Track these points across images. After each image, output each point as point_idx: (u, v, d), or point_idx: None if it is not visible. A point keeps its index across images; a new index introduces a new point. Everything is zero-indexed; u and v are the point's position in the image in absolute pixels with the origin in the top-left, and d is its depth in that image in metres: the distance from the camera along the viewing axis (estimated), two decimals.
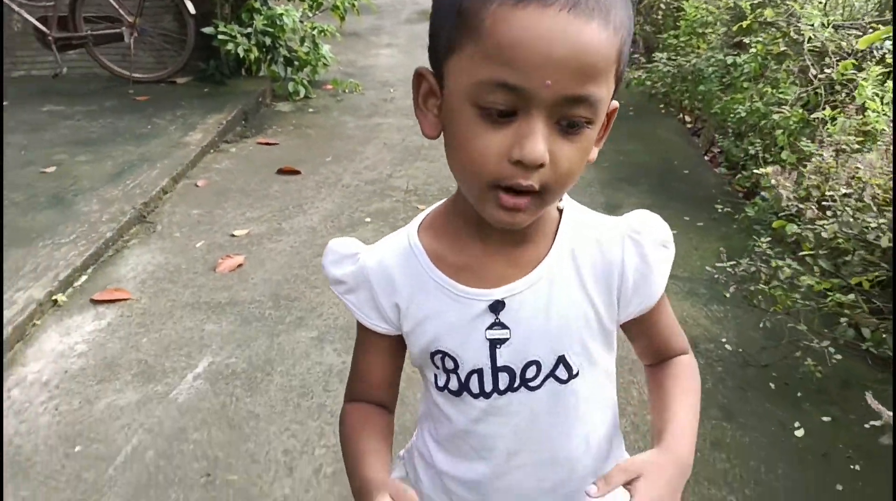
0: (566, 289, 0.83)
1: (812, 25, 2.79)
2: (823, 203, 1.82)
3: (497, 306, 0.82)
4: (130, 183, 3.54)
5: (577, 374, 0.85)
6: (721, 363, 2.36)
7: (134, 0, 4.98)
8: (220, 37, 4.85)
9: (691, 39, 3.86)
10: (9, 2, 4.85)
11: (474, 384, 0.85)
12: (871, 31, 2.63)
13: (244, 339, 2.50)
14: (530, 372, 0.84)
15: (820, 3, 2.90)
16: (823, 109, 2.50)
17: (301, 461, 1.97)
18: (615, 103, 0.77)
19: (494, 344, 0.83)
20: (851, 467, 1.96)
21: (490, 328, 0.82)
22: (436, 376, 0.88)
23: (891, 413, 1.37)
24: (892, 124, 1.99)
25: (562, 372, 0.84)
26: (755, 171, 2.36)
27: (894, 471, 1.73)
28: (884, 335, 2.09)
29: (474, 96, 0.68)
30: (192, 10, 4.86)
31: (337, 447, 1.44)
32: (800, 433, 2.08)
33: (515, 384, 0.84)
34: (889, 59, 2.55)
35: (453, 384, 0.86)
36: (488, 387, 0.84)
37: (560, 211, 0.85)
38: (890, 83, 2.32)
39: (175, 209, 3.47)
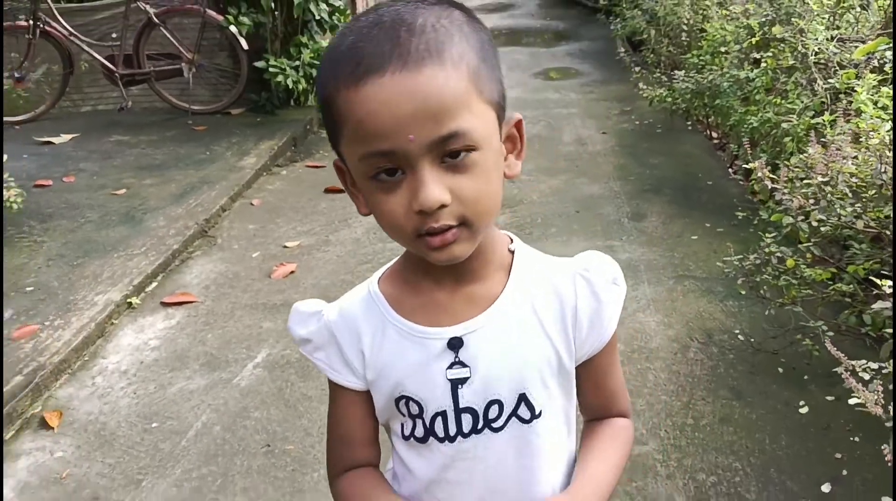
0: (524, 325, 0.85)
1: (817, 40, 3.00)
2: (804, 191, 2.02)
3: (455, 344, 0.84)
4: (193, 202, 3.89)
5: (540, 414, 0.86)
6: (733, 351, 2.55)
7: (192, 38, 5.40)
8: (270, 69, 5.23)
9: (713, 58, 4.07)
10: (80, 43, 5.30)
11: (439, 428, 0.85)
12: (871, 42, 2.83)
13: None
14: (493, 412, 0.85)
15: (824, 19, 3.10)
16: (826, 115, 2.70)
17: None
18: (516, 116, 0.81)
19: (456, 385, 0.84)
20: (851, 438, 2.12)
21: (450, 367, 0.84)
22: (402, 425, 0.89)
23: (845, 358, 1.54)
24: (891, 126, 2.16)
25: (524, 412, 0.85)
26: (745, 166, 2.54)
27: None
28: (886, 319, 2.25)
29: (364, 171, 0.74)
30: (244, 45, 5.25)
31: None
32: (804, 410, 2.25)
33: (479, 426, 0.85)
34: (887, 69, 2.74)
35: (419, 431, 0.87)
36: (452, 430, 0.85)
37: (512, 252, 0.88)
38: (885, 89, 2.51)
39: (233, 225, 3.80)
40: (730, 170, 4.29)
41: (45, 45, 5.34)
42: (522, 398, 0.85)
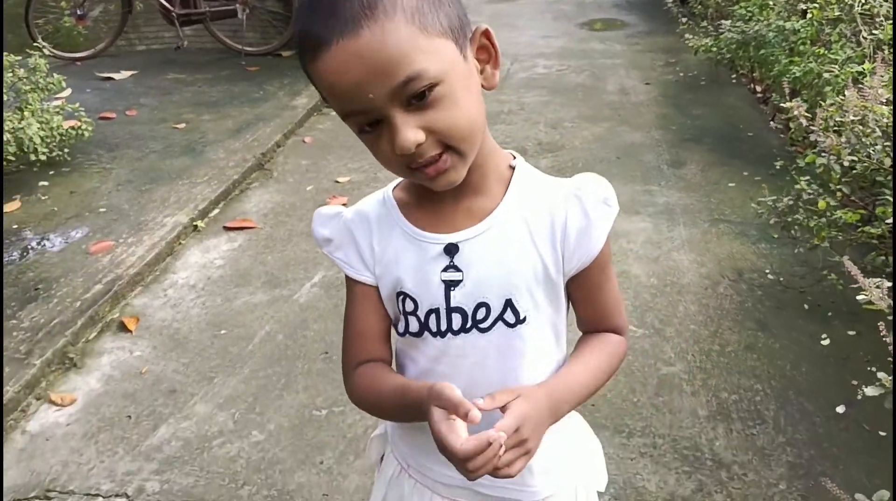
0: (515, 238, 0.90)
1: None
2: (836, 130, 2.12)
3: (451, 250, 0.90)
4: (249, 137, 4.08)
5: (524, 320, 0.91)
6: (761, 289, 2.69)
7: None
8: None
9: (760, 10, 4.10)
10: None
11: (433, 324, 0.92)
12: None
13: None
14: (480, 314, 0.91)
15: None
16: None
17: None
18: (481, 26, 0.84)
19: (449, 286, 0.90)
20: (868, 368, 2.26)
21: (445, 270, 0.90)
22: (398, 324, 0.96)
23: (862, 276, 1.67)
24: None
25: (510, 316, 0.91)
26: (786, 117, 2.63)
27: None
28: None
29: (352, 127, 0.81)
30: None
31: None
32: (825, 342, 2.39)
33: (468, 326, 0.91)
34: None
35: (413, 326, 0.93)
36: (443, 326, 0.92)
37: (512, 169, 0.93)
38: None
39: (287, 160, 3.99)
40: (771, 122, 4.34)
41: None
42: (508, 304, 0.90)
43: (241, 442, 2.06)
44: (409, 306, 0.92)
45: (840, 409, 2.10)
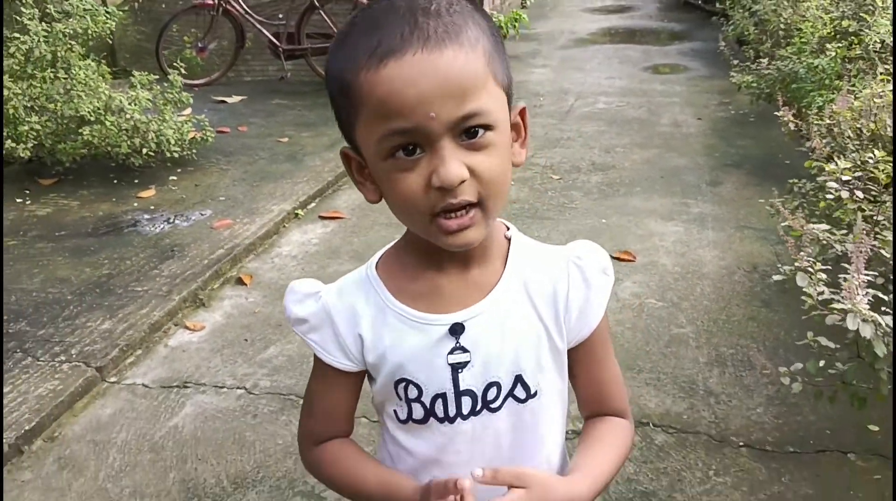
0: (519, 310, 0.88)
1: (879, 33, 3.50)
2: (820, 132, 2.57)
3: (457, 330, 0.86)
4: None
5: (535, 394, 0.90)
6: (771, 278, 3.12)
7: (344, 19, 6.32)
8: None
9: (799, 52, 4.57)
10: (253, 21, 6.33)
11: (439, 409, 0.88)
12: None
13: None
14: (491, 394, 0.88)
15: (887, 12, 3.59)
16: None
17: None
18: (520, 104, 0.85)
19: (456, 369, 0.86)
20: None
21: (451, 352, 0.86)
22: (396, 411, 0.91)
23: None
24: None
25: (520, 392, 0.89)
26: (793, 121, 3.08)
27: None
28: None
29: (382, 152, 0.76)
30: None
31: None
32: None
33: (478, 408, 0.88)
34: None
35: (418, 413, 0.89)
36: (452, 412, 0.88)
37: (508, 240, 0.91)
38: None
39: None
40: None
41: (224, 21, 6.41)
42: (518, 379, 0.88)
43: None
44: (413, 392, 0.89)
45: (821, 362, 2.52)
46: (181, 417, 2.34)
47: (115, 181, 4.22)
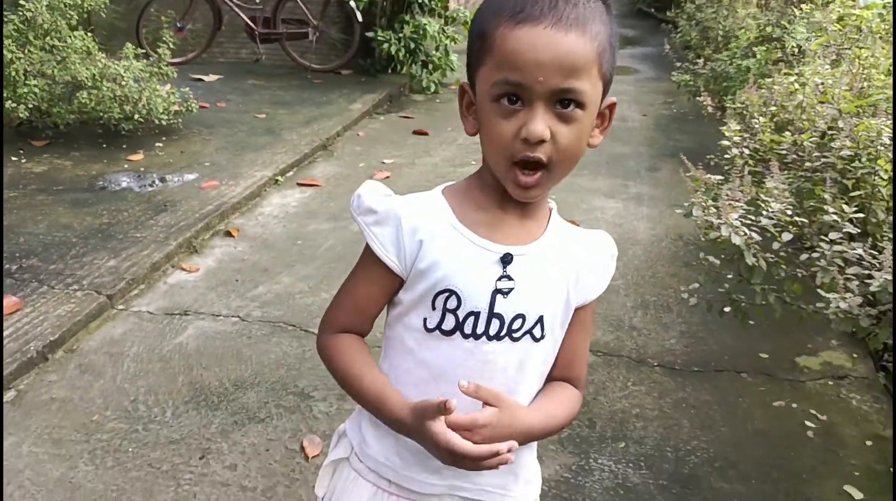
0: (554, 261, 1.00)
1: (796, 38, 4.04)
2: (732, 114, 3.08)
3: (507, 259, 0.97)
4: (316, 127, 5.14)
5: (545, 336, 1.00)
6: (694, 244, 3.62)
7: (317, 9, 6.69)
8: (379, 39, 6.47)
9: (732, 55, 5.11)
10: (230, 4, 6.65)
11: (468, 326, 0.97)
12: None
13: None
14: (516, 324, 0.98)
15: (805, 21, 4.13)
16: None
17: None
18: (612, 99, 0.96)
19: (497, 293, 0.96)
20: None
21: (500, 279, 0.96)
22: (426, 319, 0.98)
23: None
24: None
25: (537, 331, 0.99)
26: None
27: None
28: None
29: (492, 95, 0.89)
30: (360, 18, 6.51)
31: None
32: (730, 276, 3.31)
33: (502, 333, 0.97)
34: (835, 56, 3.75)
35: (448, 323, 0.97)
36: (480, 330, 0.97)
37: (550, 210, 1.04)
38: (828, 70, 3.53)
39: (345, 146, 5.04)
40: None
41: (203, 4, 6.71)
42: (540, 320, 0.99)
43: (314, 297, 3.03)
44: (452, 303, 0.96)
45: (727, 309, 3.02)
46: (184, 336, 2.71)
47: (104, 146, 4.53)
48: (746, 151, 2.64)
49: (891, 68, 2.87)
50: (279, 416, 2.30)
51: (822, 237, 2.02)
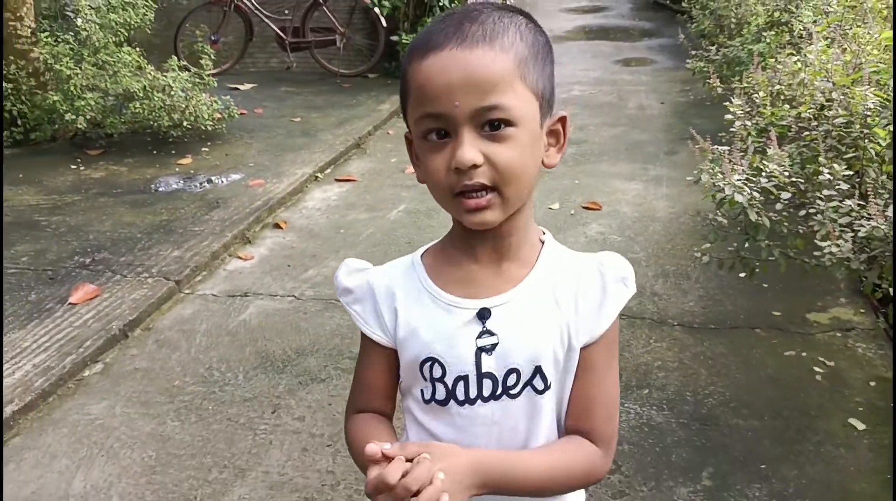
0: (543, 305, 0.94)
1: (802, 21, 4.24)
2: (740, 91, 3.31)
3: (484, 314, 0.93)
4: (349, 128, 5.44)
5: (550, 386, 0.94)
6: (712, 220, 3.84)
7: (344, 17, 7.00)
8: (403, 42, 6.76)
9: (743, 41, 5.31)
10: (261, 16, 6.98)
11: (460, 391, 0.94)
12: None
13: (422, 199, 4.22)
14: (511, 380, 0.93)
15: (811, 4, 4.33)
16: None
17: None
18: (560, 113, 0.93)
19: (481, 351, 0.92)
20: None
21: (479, 336, 0.92)
22: (422, 390, 0.96)
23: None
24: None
25: (538, 382, 0.94)
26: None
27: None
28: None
29: (418, 133, 0.88)
30: (384, 23, 6.81)
31: None
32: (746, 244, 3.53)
33: (498, 392, 0.93)
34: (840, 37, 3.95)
35: (440, 394, 0.95)
36: (473, 393, 0.93)
37: (542, 243, 0.98)
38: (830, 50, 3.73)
39: (376, 143, 5.33)
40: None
41: (235, 16, 7.05)
42: (538, 371, 0.93)
43: None
44: (437, 371, 0.94)
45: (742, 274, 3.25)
46: (247, 314, 3.01)
47: (154, 152, 4.87)
48: (749, 124, 2.87)
49: (883, 43, 3.08)
50: (338, 377, 2.58)
51: (819, 195, 2.25)
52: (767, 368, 2.57)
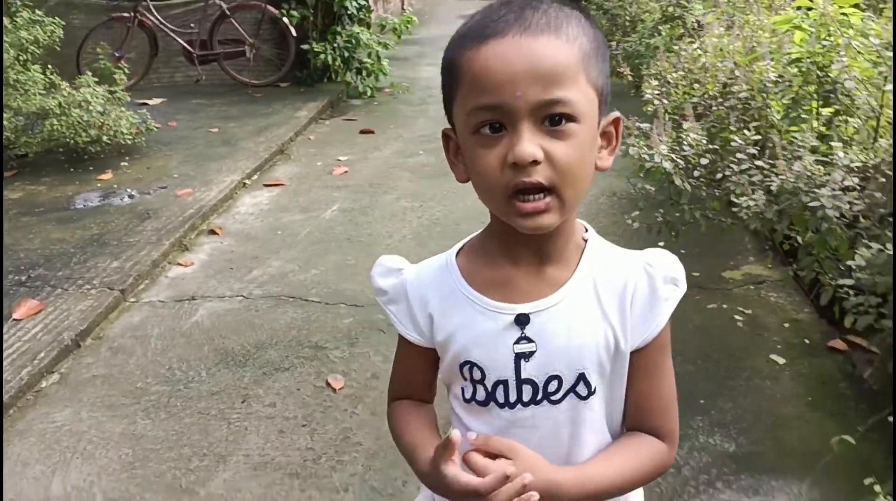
0: (587, 309, 0.89)
1: (694, 15, 4.62)
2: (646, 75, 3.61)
3: (522, 320, 0.89)
4: (269, 135, 5.48)
5: (595, 391, 0.91)
6: (627, 199, 4.13)
7: (252, 27, 7.00)
8: (315, 50, 6.84)
9: (640, 36, 5.69)
10: (166, 30, 6.90)
11: (500, 395, 0.91)
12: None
13: (355, 198, 4.34)
14: (552, 386, 0.90)
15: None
16: None
17: (403, 228, 3.80)
18: (615, 114, 0.89)
19: (520, 357, 0.89)
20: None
21: (517, 342, 0.88)
22: (463, 389, 0.95)
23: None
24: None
25: (582, 389, 0.90)
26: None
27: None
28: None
29: (470, 126, 0.81)
30: (293, 33, 6.86)
31: None
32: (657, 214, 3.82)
33: (538, 397, 0.90)
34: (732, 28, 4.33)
35: (480, 395, 0.92)
36: (513, 398, 0.91)
37: (585, 241, 0.93)
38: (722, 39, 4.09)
39: (300, 149, 5.39)
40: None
41: (139, 32, 6.93)
42: (581, 377, 0.90)
43: (305, 274, 3.39)
44: (477, 374, 0.92)
45: (661, 243, 3.52)
46: (199, 316, 3.04)
47: (71, 170, 4.77)
48: (665, 102, 3.14)
49: (775, 28, 3.43)
50: (301, 365, 2.67)
51: (733, 160, 2.52)
52: (694, 320, 2.83)
